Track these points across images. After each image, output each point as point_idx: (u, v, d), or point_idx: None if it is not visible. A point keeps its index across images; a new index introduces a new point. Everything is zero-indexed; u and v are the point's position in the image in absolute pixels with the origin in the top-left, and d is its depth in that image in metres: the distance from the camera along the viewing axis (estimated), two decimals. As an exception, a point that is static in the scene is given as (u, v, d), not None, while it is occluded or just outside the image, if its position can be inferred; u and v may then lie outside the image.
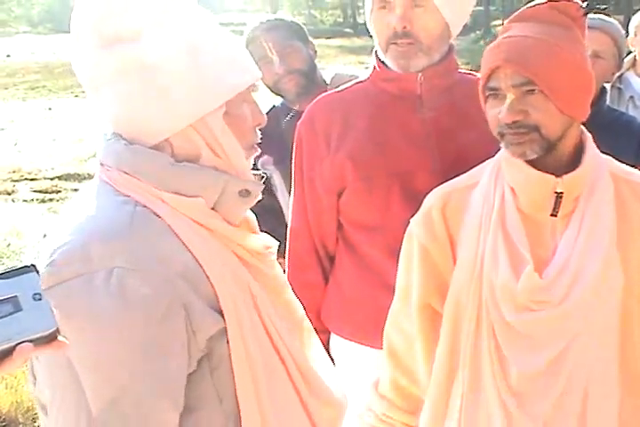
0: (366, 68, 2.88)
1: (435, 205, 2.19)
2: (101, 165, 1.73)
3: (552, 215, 2.03)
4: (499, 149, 2.14)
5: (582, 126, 2.11)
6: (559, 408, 2.00)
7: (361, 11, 46.71)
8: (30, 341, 1.17)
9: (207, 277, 1.62)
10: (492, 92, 2.03)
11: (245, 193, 1.72)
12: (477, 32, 38.00)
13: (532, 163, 2.02)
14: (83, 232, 1.60)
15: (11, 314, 1.18)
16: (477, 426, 2.08)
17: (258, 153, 1.82)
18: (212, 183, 1.68)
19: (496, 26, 42.07)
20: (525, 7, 2.07)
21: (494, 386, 2.03)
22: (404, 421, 2.40)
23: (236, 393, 1.65)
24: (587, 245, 2.01)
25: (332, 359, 2.77)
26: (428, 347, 2.22)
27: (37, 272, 1.22)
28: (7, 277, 1.20)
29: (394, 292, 2.57)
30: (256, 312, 1.70)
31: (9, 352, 1.17)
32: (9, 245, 8.11)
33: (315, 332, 1.98)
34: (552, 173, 2.01)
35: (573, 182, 2.02)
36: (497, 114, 2.01)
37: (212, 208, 1.70)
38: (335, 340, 2.82)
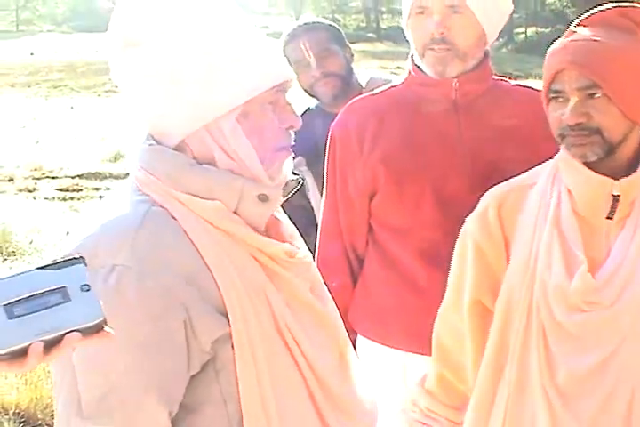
0: (392, 73, 2.87)
1: (491, 203, 2.19)
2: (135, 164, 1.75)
3: (608, 218, 2.03)
4: (530, 157, 2.12)
5: None
6: (605, 410, 1.98)
7: (384, 16, 46.87)
8: (78, 330, 1.19)
9: (215, 281, 1.62)
10: (555, 95, 2.03)
11: (264, 198, 1.70)
12: (500, 39, 38.03)
13: (590, 165, 2.02)
14: (96, 229, 1.62)
15: (60, 304, 1.20)
16: (522, 425, 2.07)
17: (291, 156, 1.79)
18: (228, 186, 1.67)
19: (519, 33, 42.15)
20: (592, 12, 2.06)
21: (541, 385, 2.02)
22: (448, 416, 2.40)
23: (239, 397, 1.64)
24: None
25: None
26: (478, 344, 2.22)
27: (85, 264, 1.24)
28: (57, 268, 1.23)
29: (421, 294, 2.59)
30: (271, 318, 1.69)
31: (58, 341, 1.19)
32: (31, 242, 8.14)
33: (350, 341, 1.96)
34: (610, 176, 2.01)
35: (630, 186, 2.01)
36: (559, 116, 2.01)
37: (235, 212, 1.69)
38: (362, 341, 2.81)
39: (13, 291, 1.19)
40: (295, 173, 1.86)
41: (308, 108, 3.47)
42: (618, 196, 2.01)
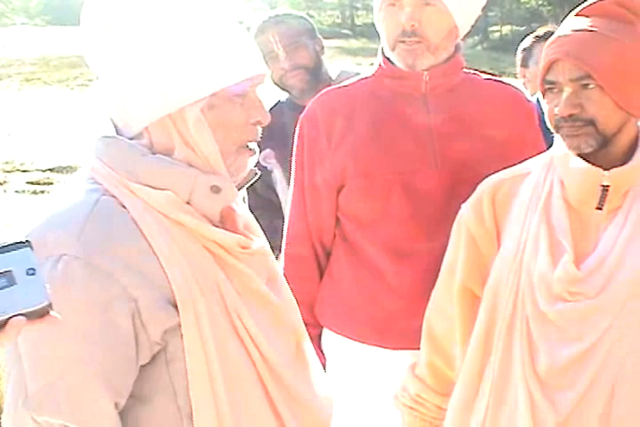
0: (370, 65, 2.86)
1: (486, 191, 2.21)
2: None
3: (597, 209, 2.02)
4: (500, 152, 2.12)
5: None
6: (584, 402, 1.99)
7: (359, 12, 46.90)
8: (23, 315, 1.18)
9: (164, 271, 1.61)
10: (549, 86, 2.03)
11: (216, 189, 1.69)
12: (475, 37, 38.13)
13: (585, 156, 2.02)
14: (45, 218, 1.62)
15: (5, 288, 1.19)
16: (503, 412, 2.08)
17: (253, 153, 1.78)
18: (180, 177, 1.67)
19: (494, 31, 42.24)
20: (590, 2, 2.06)
21: (522, 374, 2.03)
22: (436, 403, 2.43)
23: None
24: (630, 240, 2.00)
25: (324, 354, 2.80)
26: (466, 331, 2.23)
27: (31, 248, 1.23)
28: (2, 252, 1.22)
29: (389, 288, 2.59)
30: (223, 309, 1.68)
31: (2, 325, 1.18)
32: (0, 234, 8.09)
33: (307, 333, 1.95)
34: (605, 168, 2.01)
35: (622, 177, 2.02)
36: (554, 107, 2.02)
37: (189, 203, 1.68)
38: (328, 335, 2.80)
39: None
40: (264, 167, 1.85)
41: (279, 101, 3.46)
42: (607, 186, 2.01)
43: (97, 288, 1.54)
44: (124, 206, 1.63)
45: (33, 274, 1.21)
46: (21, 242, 1.23)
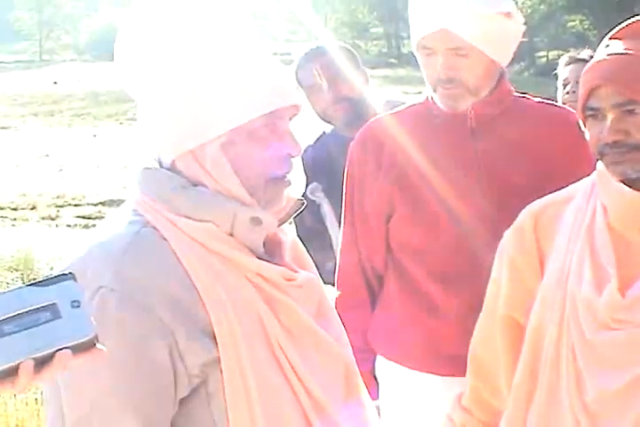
0: (418, 93, 2.86)
1: (528, 218, 2.17)
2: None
3: None
4: (548, 178, 2.09)
5: None
6: None
7: (405, 41, 47.02)
8: (69, 348, 1.18)
9: (203, 303, 1.60)
10: (591, 113, 1.98)
11: (257, 221, 1.67)
12: (522, 63, 38.03)
13: (629, 182, 1.97)
14: (86, 250, 1.63)
15: (50, 321, 1.18)
16: None
17: (287, 185, 1.75)
18: (220, 209, 1.66)
19: (540, 57, 42.16)
20: (625, 24, 2.02)
21: (569, 403, 1.99)
22: None
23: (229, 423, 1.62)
24: None
25: (377, 381, 2.78)
26: (511, 360, 2.18)
27: (75, 280, 1.22)
28: (46, 285, 1.21)
29: (438, 315, 2.59)
30: (264, 343, 1.66)
31: (49, 359, 1.18)
32: (52, 269, 8.15)
33: (361, 360, 1.93)
34: None
35: None
36: (597, 134, 1.97)
37: (231, 235, 1.67)
38: (381, 361, 2.79)
39: (3, 308, 1.18)
40: (311, 199, 1.84)
41: (323, 133, 3.44)
42: None
43: (133, 321, 1.54)
44: (164, 238, 1.63)
45: (78, 306, 1.20)
46: (65, 274, 1.22)
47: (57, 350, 1.17)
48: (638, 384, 1.92)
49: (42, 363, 1.17)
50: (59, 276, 1.22)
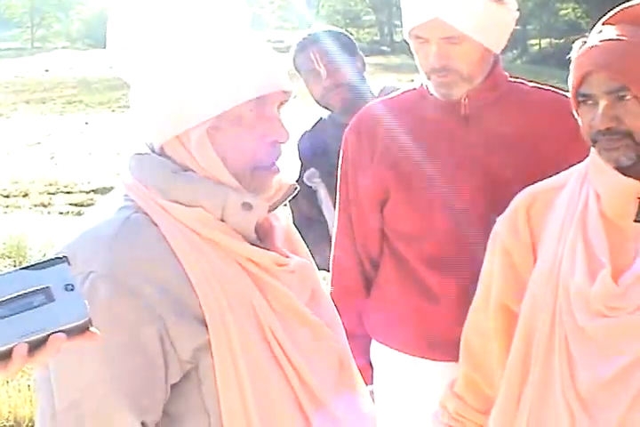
0: (411, 81, 2.85)
1: (520, 205, 2.16)
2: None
3: (635, 221, 1.98)
4: (542, 165, 2.08)
5: None
6: (627, 418, 1.92)
7: (398, 29, 46.94)
8: (63, 331, 1.17)
9: (194, 288, 1.60)
10: (583, 99, 1.98)
11: (248, 206, 1.67)
12: (514, 51, 38.02)
13: (622, 169, 1.97)
14: (76, 235, 1.63)
15: (43, 304, 1.18)
16: None
17: (275, 172, 1.74)
18: (210, 195, 1.66)
19: (533, 45, 42.15)
20: (618, 9, 2.01)
21: (562, 391, 1.99)
22: (476, 420, 2.36)
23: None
24: None
25: (372, 365, 2.78)
26: (504, 347, 2.19)
27: (69, 263, 1.22)
28: (39, 268, 1.20)
29: (435, 301, 2.59)
30: (257, 327, 1.66)
31: (42, 342, 1.17)
32: (44, 256, 8.13)
33: (355, 345, 1.93)
34: None
35: None
36: (589, 120, 1.97)
37: (222, 219, 1.67)
38: (376, 346, 2.79)
39: None
40: (309, 186, 1.83)
41: (320, 119, 3.43)
42: None
43: (123, 306, 1.54)
44: (155, 224, 1.63)
45: (72, 289, 1.19)
46: (58, 258, 1.21)
47: (51, 334, 1.17)
48: (631, 371, 1.92)
49: (36, 346, 1.17)
50: (52, 259, 1.21)
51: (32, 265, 1.21)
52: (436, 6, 2.40)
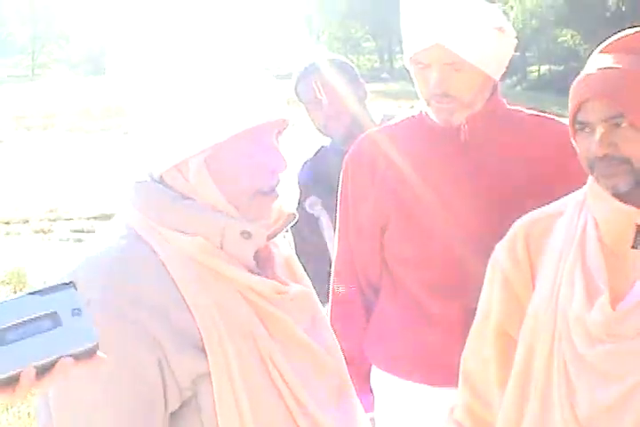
0: (411, 108, 2.87)
1: (519, 232, 2.16)
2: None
3: (633, 248, 1.98)
4: (543, 190, 2.08)
5: None
6: None
7: (398, 56, 47.09)
8: (70, 355, 1.18)
9: (193, 317, 1.60)
10: (581, 126, 1.98)
11: (247, 235, 1.68)
12: (514, 78, 38.12)
13: (620, 196, 1.97)
14: (77, 262, 1.64)
15: (51, 329, 1.19)
16: None
17: (274, 198, 1.74)
18: (209, 223, 1.66)
19: (532, 71, 42.26)
20: (614, 38, 2.03)
21: (562, 418, 1.98)
22: None
23: None
24: None
25: (372, 391, 2.78)
26: (503, 374, 2.18)
27: (75, 288, 1.23)
28: (46, 293, 1.21)
29: (435, 327, 2.60)
30: (256, 356, 1.66)
31: (50, 367, 1.18)
32: (44, 283, 8.11)
33: (355, 372, 1.92)
34: (639, 206, 1.94)
35: None
36: (587, 148, 1.97)
37: (222, 248, 1.67)
38: (376, 372, 2.79)
39: (4, 317, 1.18)
40: (311, 213, 1.83)
41: (322, 147, 3.43)
42: None
43: (121, 335, 1.54)
44: (155, 251, 1.64)
45: (79, 314, 1.20)
46: (65, 283, 1.22)
47: (58, 358, 1.17)
48: (631, 397, 1.91)
49: (43, 371, 1.17)
50: (59, 284, 1.22)
51: (39, 290, 1.21)
52: (438, 32, 2.42)
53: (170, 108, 1.65)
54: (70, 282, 1.23)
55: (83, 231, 11.06)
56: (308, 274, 1.95)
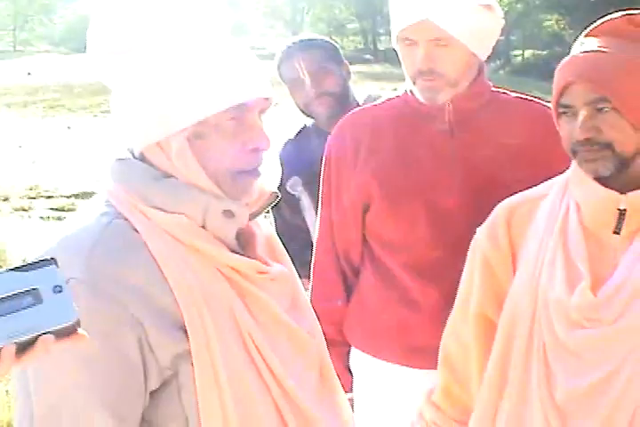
0: (394, 90, 2.86)
1: (501, 215, 2.17)
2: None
3: (615, 233, 1.98)
4: (528, 172, 2.08)
5: None
6: None
7: (381, 37, 47.04)
8: (51, 332, 1.18)
9: (174, 296, 1.60)
10: (564, 110, 1.99)
11: (230, 214, 1.68)
12: (497, 61, 38.11)
13: (602, 180, 1.98)
14: (57, 241, 1.63)
15: (31, 306, 1.18)
16: None
17: (256, 176, 1.74)
18: (192, 201, 1.66)
19: (516, 55, 42.26)
20: (601, 21, 2.03)
21: (540, 402, 1.99)
22: None
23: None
24: None
25: (352, 373, 2.80)
26: (482, 357, 2.19)
27: (57, 265, 1.22)
28: (27, 270, 1.21)
29: (417, 309, 2.60)
30: (237, 335, 1.66)
31: (31, 344, 1.18)
32: (24, 260, 8.10)
33: (335, 353, 1.92)
34: (622, 191, 1.96)
35: (639, 200, 1.96)
36: (570, 131, 1.98)
37: (204, 226, 1.67)
38: (355, 354, 2.80)
39: None
40: (292, 194, 1.83)
41: (304, 127, 3.42)
42: (624, 210, 1.96)
43: (102, 313, 1.54)
44: (136, 230, 1.63)
45: (60, 291, 1.20)
46: (46, 260, 1.22)
47: (39, 335, 1.17)
48: (608, 382, 1.92)
49: (24, 348, 1.17)
50: (40, 261, 1.22)
51: (20, 267, 1.21)
52: (426, 8, 2.42)
53: (152, 85, 1.64)
54: (52, 259, 1.22)
55: (63, 209, 11.03)
56: (288, 254, 1.94)
